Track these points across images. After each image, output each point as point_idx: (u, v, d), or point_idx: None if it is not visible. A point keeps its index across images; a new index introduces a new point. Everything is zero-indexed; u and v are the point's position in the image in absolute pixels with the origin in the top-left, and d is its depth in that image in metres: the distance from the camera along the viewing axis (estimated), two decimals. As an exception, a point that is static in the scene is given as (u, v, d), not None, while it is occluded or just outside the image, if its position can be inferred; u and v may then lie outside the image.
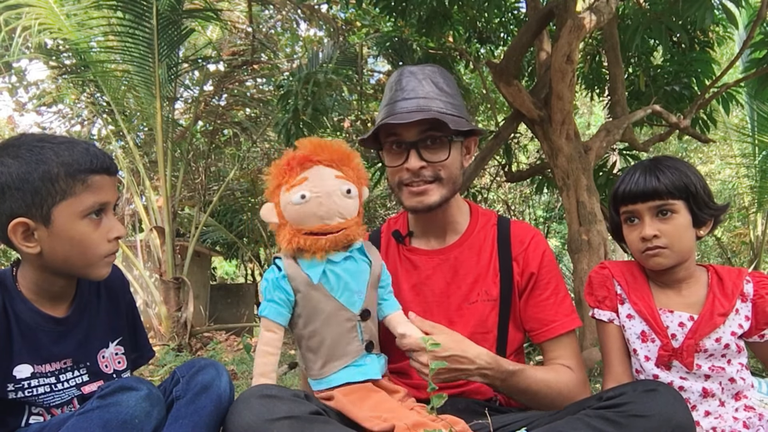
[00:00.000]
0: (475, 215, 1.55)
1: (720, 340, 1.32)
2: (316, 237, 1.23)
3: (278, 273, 1.25)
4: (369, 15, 5.34)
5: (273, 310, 1.23)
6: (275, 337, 1.24)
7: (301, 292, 1.24)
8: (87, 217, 1.13)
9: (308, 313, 1.25)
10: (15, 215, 1.08)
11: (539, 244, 1.51)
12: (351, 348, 1.26)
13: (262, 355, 1.22)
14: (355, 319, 1.27)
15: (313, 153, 1.25)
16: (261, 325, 1.24)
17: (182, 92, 6.30)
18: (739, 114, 7.76)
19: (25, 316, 1.16)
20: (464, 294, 1.46)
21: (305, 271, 1.24)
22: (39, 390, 1.16)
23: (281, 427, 1.04)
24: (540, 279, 1.47)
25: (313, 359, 1.26)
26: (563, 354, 1.46)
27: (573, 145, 3.32)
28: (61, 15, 4.60)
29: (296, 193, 1.22)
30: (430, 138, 1.39)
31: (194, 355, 4.61)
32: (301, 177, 1.23)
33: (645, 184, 1.34)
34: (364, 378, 1.24)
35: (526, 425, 1.25)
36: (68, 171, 1.10)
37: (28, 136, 1.14)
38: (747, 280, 1.34)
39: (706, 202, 1.33)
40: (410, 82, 1.43)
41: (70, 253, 1.14)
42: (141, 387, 1.03)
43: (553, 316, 1.46)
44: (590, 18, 2.89)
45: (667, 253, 1.33)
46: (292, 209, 1.23)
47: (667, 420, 1.06)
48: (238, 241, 7.74)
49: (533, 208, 8.68)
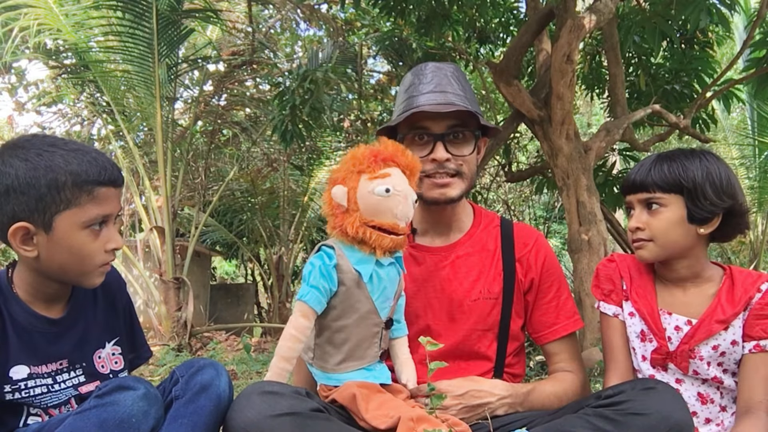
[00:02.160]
0: (479, 215, 1.56)
1: (717, 348, 1.29)
2: (383, 234, 1.22)
3: (329, 261, 1.22)
4: (369, 15, 5.34)
5: (314, 297, 1.20)
6: (307, 325, 1.21)
7: (346, 286, 1.23)
8: (88, 228, 1.13)
9: (344, 308, 1.24)
10: (17, 218, 1.08)
11: (542, 246, 1.52)
12: (370, 352, 1.27)
13: (290, 339, 1.19)
14: (380, 325, 1.28)
15: (396, 155, 1.25)
16: (296, 309, 1.21)
17: (182, 92, 6.30)
18: (739, 114, 7.76)
19: (20, 318, 1.16)
20: (466, 291, 1.46)
21: (356, 266, 1.23)
22: (36, 391, 1.16)
23: (283, 424, 1.04)
24: (543, 282, 1.49)
25: (332, 353, 1.25)
26: (565, 356, 1.48)
27: (573, 145, 3.32)
28: (61, 15, 4.60)
29: (382, 185, 1.20)
30: (458, 132, 1.42)
31: (194, 355, 4.61)
32: (385, 172, 1.22)
33: (636, 176, 1.33)
34: (376, 381, 1.25)
35: (526, 424, 1.26)
36: (76, 181, 1.09)
37: (38, 138, 1.13)
38: (759, 289, 1.28)
39: (709, 198, 1.27)
40: (437, 76, 1.45)
41: (66, 261, 1.13)
42: (138, 386, 1.03)
43: (555, 318, 1.48)
44: (590, 18, 2.89)
45: (651, 246, 1.31)
46: (372, 199, 1.21)
47: (665, 418, 1.07)
48: (238, 241, 7.74)
49: (533, 208, 8.68)
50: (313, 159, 6.98)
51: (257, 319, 8.76)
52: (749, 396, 1.25)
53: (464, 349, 1.45)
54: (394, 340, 1.37)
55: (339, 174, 1.26)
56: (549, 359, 1.51)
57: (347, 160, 1.26)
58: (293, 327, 1.20)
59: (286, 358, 1.18)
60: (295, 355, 1.20)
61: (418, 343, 1.41)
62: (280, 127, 3.74)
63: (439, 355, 1.30)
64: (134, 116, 5.67)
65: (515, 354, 1.51)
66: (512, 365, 1.50)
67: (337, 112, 4.58)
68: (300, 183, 7.66)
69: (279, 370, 1.18)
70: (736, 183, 1.31)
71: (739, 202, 1.30)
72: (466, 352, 1.45)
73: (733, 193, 1.29)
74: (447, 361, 1.27)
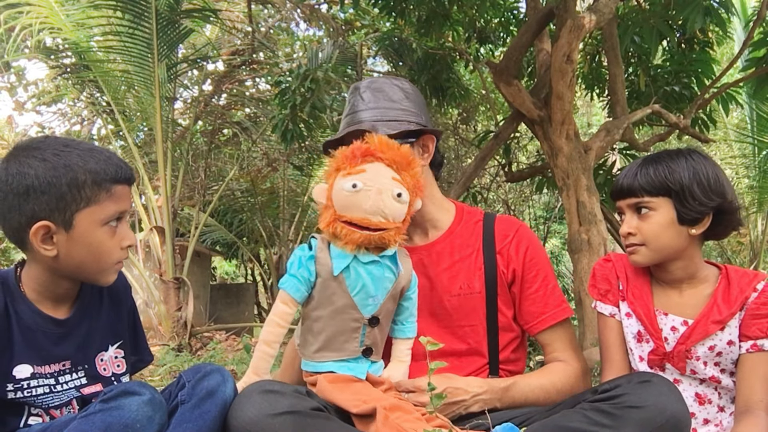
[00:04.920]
0: (460, 212, 1.58)
1: (714, 348, 1.29)
2: (353, 229, 1.24)
3: (308, 252, 1.29)
4: (369, 15, 5.34)
5: (293, 285, 1.26)
6: (288, 312, 1.27)
7: (322, 278, 1.27)
8: (106, 225, 1.16)
9: (320, 299, 1.28)
10: (37, 217, 1.10)
11: (523, 237, 1.53)
12: (348, 346, 1.28)
13: (270, 323, 1.27)
14: (362, 321, 1.28)
15: (377, 149, 1.28)
16: (278, 297, 1.28)
17: (182, 92, 6.29)
18: (739, 114, 7.76)
19: (26, 317, 1.17)
20: (445, 287, 1.48)
21: (332, 259, 1.26)
22: (38, 390, 1.17)
23: (283, 422, 1.05)
24: (527, 272, 1.50)
25: (311, 341, 1.30)
26: (558, 345, 1.49)
27: (573, 145, 3.32)
28: (61, 15, 4.60)
29: (349, 181, 1.25)
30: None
31: (194, 355, 4.61)
32: (360, 168, 1.26)
33: (623, 181, 1.33)
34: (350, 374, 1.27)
35: (524, 420, 1.27)
36: (95, 179, 1.13)
37: (51, 140, 1.16)
38: (755, 289, 1.28)
39: (697, 198, 1.26)
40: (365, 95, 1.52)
41: (85, 258, 1.16)
42: (144, 392, 1.04)
43: (542, 308, 1.48)
44: (590, 18, 2.89)
45: (643, 250, 1.32)
46: (341, 195, 1.26)
47: (662, 410, 1.08)
48: (238, 241, 7.74)
49: (533, 208, 8.68)
50: (313, 159, 6.98)
51: (257, 319, 8.76)
52: (748, 396, 1.26)
53: (454, 345, 1.46)
54: (395, 340, 1.40)
55: (325, 172, 1.34)
56: (544, 350, 1.52)
57: (333, 158, 1.32)
58: (273, 313, 1.27)
59: (267, 342, 1.25)
60: (276, 339, 1.26)
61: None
62: (280, 126, 3.74)
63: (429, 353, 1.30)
64: (134, 116, 5.66)
65: (513, 349, 1.52)
66: (511, 361, 1.51)
67: (337, 112, 4.57)
68: (300, 183, 7.66)
69: (260, 353, 1.26)
70: (725, 180, 1.30)
71: (728, 200, 1.29)
72: (457, 349, 1.46)
73: (722, 191, 1.28)
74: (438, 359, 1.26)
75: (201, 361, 4.19)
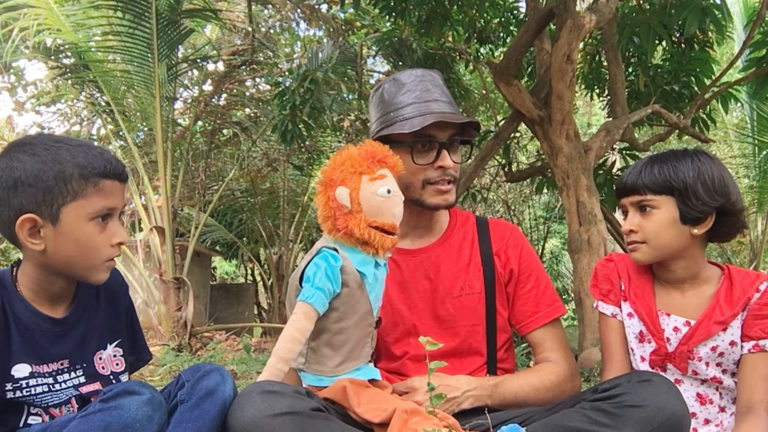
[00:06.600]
0: (454, 215, 1.60)
1: (716, 348, 1.29)
2: (384, 235, 1.23)
3: (335, 263, 1.20)
4: (369, 15, 5.34)
5: (319, 299, 1.17)
6: (309, 327, 1.18)
7: (349, 288, 1.22)
8: (94, 220, 1.15)
9: (346, 309, 1.23)
10: (24, 210, 1.10)
11: (518, 238, 1.57)
12: (365, 352, 1.27)
13: (291, 340, 1.15)
14: (373, 324, 1.29)
15: (389, 156, 1.27)
16: (299, 310, 1.17)
17: (182, 92, 6.29)
18: (739, 114, 7.76)
19: (23, 316, 1.17)
20: (447, 289, 1.49)
21: (358, 268, 1.23)
22: (37, 390, 1.17)
23: (283, 423, 1.05)
24: (522, 272, 1.52)
25: (330, 356, 1.23)
26: (549, 345, 1.49)
27: (573, 145, 3.32)
28: (61, 15, 4.59)
29: (383, 186, 1.22)
30: (455, 140, 1.47)
31: (194, 355, 4.60)
32: (382, 173, 1.24)
33: (628, 179, 1.34)
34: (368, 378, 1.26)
35: (524, 420, 1.27)
36: (82, 173, 1.12)
37: (44, 136, 1.16)
38: (758, 289, 1.28)
39: (700, 198, 1.26)
40: (428, 84, 1.49)
41: (73, 253, 1.15)
42: (144, 391, 1.04)
43: (535, 307, 1.50)
44: (590, 18, 2.89)
45: (644, 248, 1.32)
46: (375, 200, 1.22)
47: (661, 409, 1.08)
48: (238, 241, 7.74)
49: (533, 208, 8.67)
50: (313, 159, 6.98)
51: (257, 319, 8.76)
52: (749, 396, 1.26)
53: (455, 345, 1.47)
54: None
55: (335, 175, 1.24)
56: (534, 350, 1.53)
57: (344, 162, 1.25)
58: (295, 329, 1.16)
59: (285, 359, 1.16)
60: (294, 357, 1.18)
61: (408, 342, 1.46)
62: (280, 127, 3.74)
63: (431, 353, 1.30)
64: (134, 116, 5.66)
65: (506, 349, 1.54)
66: (503, 360, 1.53)
67: (336, 112, 4.58)
68: (300, 183, 7.66)
69: (277, 371, 1.15)
70: (731, 182, 1.30)
71: (731, 201, 1.28)
72: (459, 349, 1.47)
73: (726, 192, 1.28)
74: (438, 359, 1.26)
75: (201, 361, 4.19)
